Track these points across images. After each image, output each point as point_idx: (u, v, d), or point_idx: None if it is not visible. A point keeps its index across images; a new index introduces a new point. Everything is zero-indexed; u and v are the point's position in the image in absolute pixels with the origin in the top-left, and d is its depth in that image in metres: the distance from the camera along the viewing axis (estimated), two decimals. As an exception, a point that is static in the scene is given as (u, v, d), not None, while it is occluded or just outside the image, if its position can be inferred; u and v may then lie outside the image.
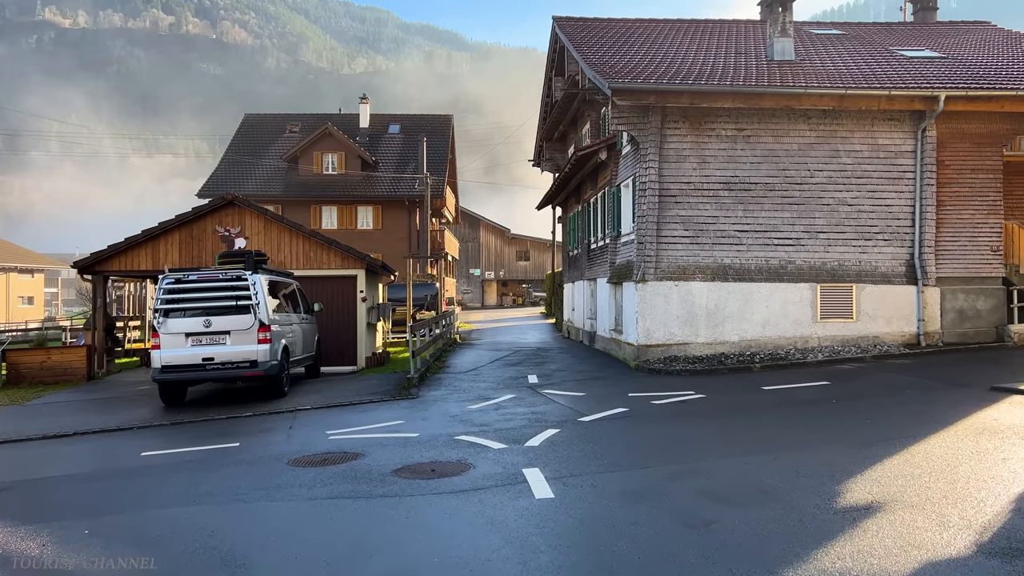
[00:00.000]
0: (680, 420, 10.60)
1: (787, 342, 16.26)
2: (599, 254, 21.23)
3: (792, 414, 10.66)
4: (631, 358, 16.47)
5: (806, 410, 10.90)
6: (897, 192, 16.50)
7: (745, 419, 10.44)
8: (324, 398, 14.09)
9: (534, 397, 13.05)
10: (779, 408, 11.16)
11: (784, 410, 10.99)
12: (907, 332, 16.42)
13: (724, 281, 16.24)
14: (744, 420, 10.38)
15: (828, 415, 10.49)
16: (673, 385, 13.48)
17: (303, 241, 19.09)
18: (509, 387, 14.34)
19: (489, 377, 15.96)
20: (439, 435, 10.15)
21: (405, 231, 42.02)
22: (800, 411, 10.85)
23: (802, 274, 16.39)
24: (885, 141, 16.47)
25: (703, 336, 16.16)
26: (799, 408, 11.07)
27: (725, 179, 16.36)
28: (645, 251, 16.11)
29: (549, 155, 29.46)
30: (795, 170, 16.42)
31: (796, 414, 10.65)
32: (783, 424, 10.02)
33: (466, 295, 62.34)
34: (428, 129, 46.21)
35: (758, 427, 9.90)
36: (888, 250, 16.53)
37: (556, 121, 26.29)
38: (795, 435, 9.31)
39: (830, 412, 10.70)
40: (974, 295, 16.56)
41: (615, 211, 18.80)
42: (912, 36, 22.08)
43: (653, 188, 16.12)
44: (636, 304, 16.12)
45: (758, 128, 16.39)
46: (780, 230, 16.44)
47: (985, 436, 8.48)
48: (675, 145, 16.30)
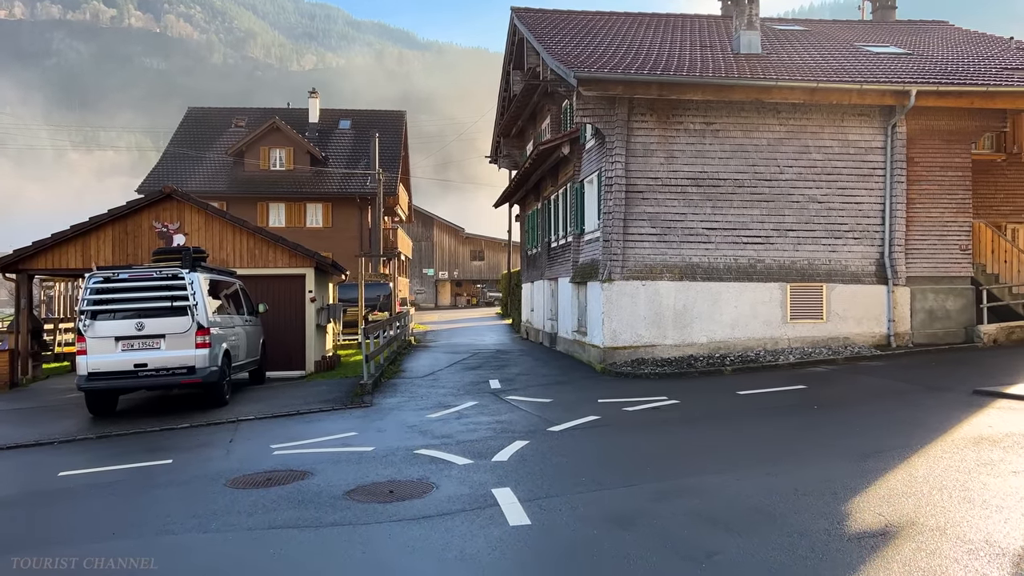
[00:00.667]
0: (657, 429, 9.87)
1: (757, 343, 15.71)
2: (561, 253, 20.49)
3: (776, 422, 10.01)
4: (597, 361, 15.74)
5: (789, 418, 10.27)
6: (867, 189, 16.09)
7: (726, 428, 9.76)
8: (269, 407, 13.03)
9: (498, 404, 12.20)
10: (760, 415, 10.51)
11: (766, 418, 10.34)
12: (877, 333, 16.01)
13: (692, 280, 15.62)
14: (726, 429, 9.70)
15: (814, 423, 9.88)
16: (643, 390, 12.77)
17: (247, 238, 17.92)
18: (470, 393, 13.47)
19: (448, 382, 15.07)
20: (397, 449, 9.24)
21: (356, 229, 40.78)
22: (783, 419, 10.21)
23: (771, 273, 15.86)
24: (855, 137, 16.05)
25: (671, 338, 15.51)
26: (781, 415, 10.44)
27: (693, 174, 15.74)
28: (611, 249, 15.39)
29: (507, 151, 28.66)
30: (764, 166, 15.89)
31: (780, 422, 10.00)
32: (769, 434, 9.35)
33: (419, 295, 61.20)
34: (380, 125, 45.01)
35: (742, 437, 9.22)
36: (858, 249, 16.11)
37: (514, 116, 25.50)
38: (784, 446, 8.64)
39: (815, 420, 10.10)
40: (944, 295, 16.24)
41: (578, 208, 18.07)
42: (874, 33, 21.84)
43: (620, 183, 15.41)
44: (602, 304, 15.39)
45: (727, 122, 15.81)
46: (749, 228, 15.89)
47: (985, 446, 7.92)
48: (642, 139, 15.62)
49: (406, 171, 48.87)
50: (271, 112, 45.71)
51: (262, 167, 40.92)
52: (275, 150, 41.30)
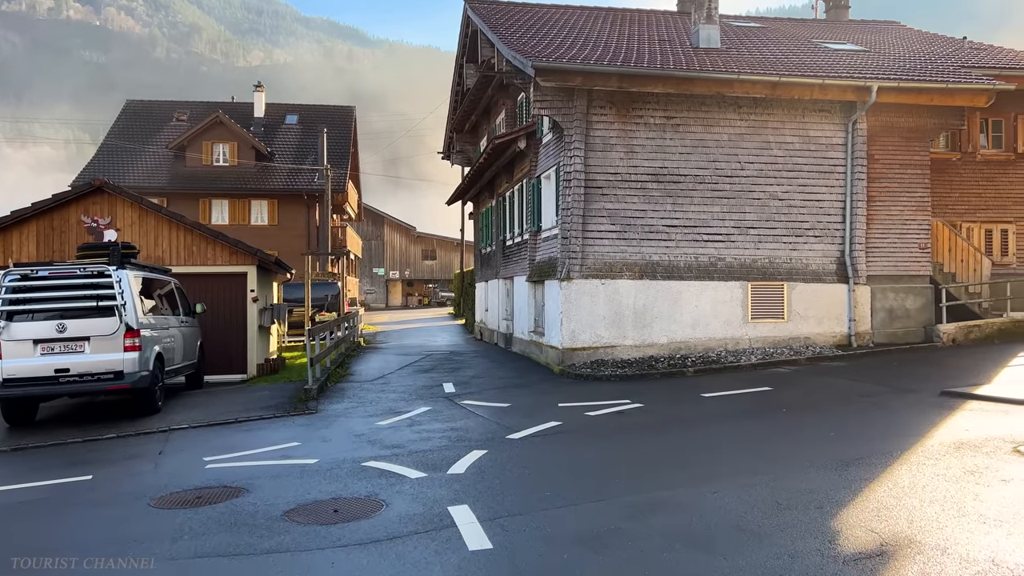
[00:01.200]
0: (623, 436, 9.30)
1: (717, 343, 15.31)
2: (516, 251, 19.87)
3: (746, 427, 9.53)
4: (555, 362, 15.16)
5: (759, 422, 9.80)
6: (828, 187, 15.84)
7: (695, 434, 9.25)
8: (206, 414, 12.12)
9: (452, 409, 11.52)
10: (729, 420, 10.03)
11: (735, 422, 9.86)
12: (838, 332, 15.77)
13: (653, 279, 15.15)
14: (695, 435, 9.18)
15: (785, 428, 9.43)
16: (605, 393, 12.22)
17: (185, 234, 16.88)
18: (423, 398, 12.76)
19: (399, 386, 14.32)
20: (343, 461, 8.49)
21: (304, 227, 39.54)
22: (753, 423, 9.74)
23: (732, 272, 15.49)
24: (816, 133, 15.78)
25: (631, 338, 15.02)
26: (751, 420, 9.97)
27: (654, 170, 15.28)
28: (570, 247, 14.83)
29: (460, 147, 27.94)
30: (725, 162, 15.51)
31: (750, 427, 9.52)
32: (740, 440, 8.85)
33: (370, 295, 60.02)
34: (329, 120, 43.80)
35: (713, 444, 8.71)
36: (819, 247, 15.85)
37: (468, 110, 24.81)
38: (758, 453, 8.14)
39: (786, 425, 9.66)
40: (903, 294, 16.08)
41: (535, 204, 17.47)
42: (830, 32, 21.75)
43: (579, 179, 14.86)
44: (560, 304, 14.82)
45: (687, 116, 15.39)
46: (710, 225, 15.50)
47: (967, 452, 7.53)
48: (601, 133, 15.10)
49: (355, 168, 47.69)
50: (214, 106, 44.07)
51: (205, 162, 39.40)
52: (218, 145, 39.81)
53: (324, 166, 36.16)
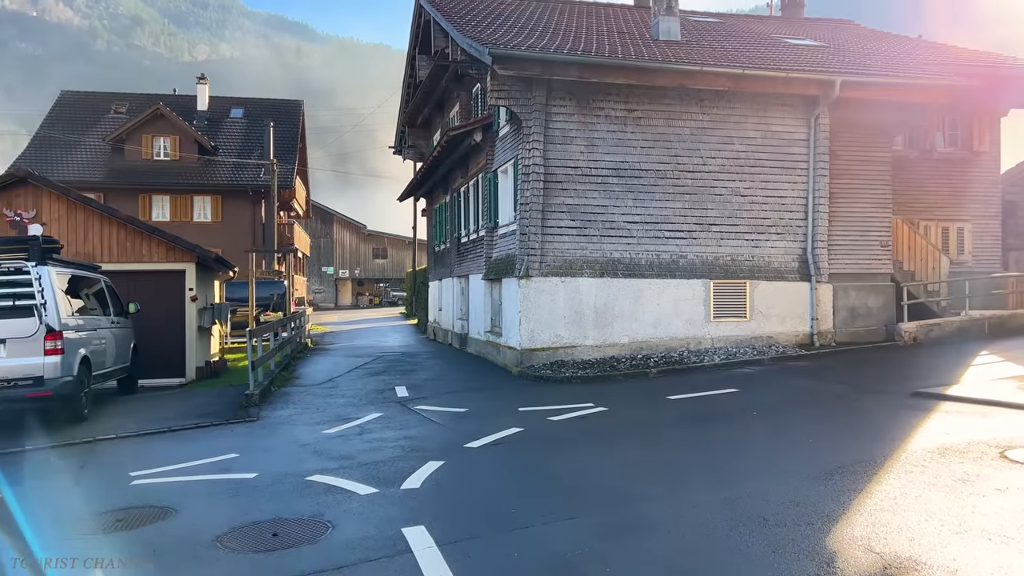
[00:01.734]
0: (589, 443, 8.71)
1: (679, 343, 14.88)
2: (472, 248, 19.20)
3: (717, 432, 9.04)
4: (513, 364, 14.54)
5: (730, 427, 9.32)
6: (790, 183, 15.53)
7: (665, 440, 8.72)
8: (137, 422, 11.18)
9: (406, 415, 10.80)
10: (698, 424, 9.53)
11: (705, 427, 9.36)
12: (800, 331, 15.48)
13: (614, 277, 14.65)
14: (664, 441, 8.64)
15: (759, 433, 8.95)
16: (566, 396, 11.64)
17: (118, 229, 15.81)
18: (374, 403, 12.00)
19: (349, 390, 13.53)
20: (285, 475, 7.73)
21: (249, 224, 38.19)
22: (724, 428, 9.25)
23: (694, 269, 15.08)
24: (778, 128, 15.46)
25: (591, 338, 14.48)
26: (721, 424, 9.49)
27: (614, 164, 14.77)
28: (529, 243, 14.23)
29: (412, 142, 27.13)
30: (687, 156, 15.09)
31: (722, 432, 9.03)
32: (714, 447, 8.35)
33: (319, 295, 58.62)
34: (276, 114, 42.42)
35: (685, 451, 8.19)
36: (781, 244, 15.54)
37: (420, 103, 24.03)
38: (734, 461, 7.64)
39: (758, 429, 9.18)
40: (865, 292, 15.88)
41: (491, 199, 16.83)
42: (787, 28, 21.57)
43: (538, 172, 14.27)
44: (519, 303, 14.20)
45: (649, 109, 14.92)
46: (672, 221, 15.06)
47: (954, 458, 7.12)
48: (561, 125, 14.53)
49: (303, 163, 46.37)
50: (155, 98, 42.34)
51: (145, 156, 37.75)
52: (159, 138, 38.20)
53: (270, 161, 34.93)
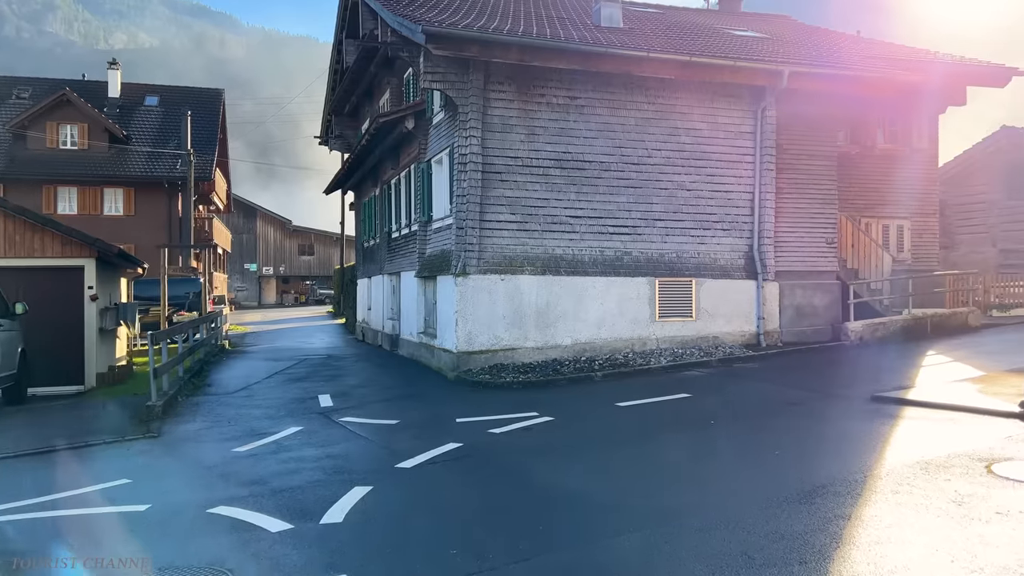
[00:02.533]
0: (537, 462, 7.79)
1: (624, 344, 14.13)
2: (404, 244, 18.08)
3: (677, 445, 8.23)
4: (449, 368, 13.53)
5: (691, 438, 8.53)
6: (736, 177, 14.96)
7: (621, 456, 7.85)
8: (16, 440, 9.74)
9: (330, 429, 9.68)
10: (656, 436, 8.72)
11: (663, 439, 8.56)
12: (747, 331, 14.93)
13: (556, 275, 13.79)
14: (621, 457, 7.78)
15: (721, 445, 8.18)
16: (508, 404, 10.71)
17: (4, 220, 14.11)
18: (294, 414, 10.81)
19: (266, 399, 12.28)
20: (184, 506, 6.57)
21: (164, 218, 35.99)
22: (684, 440, 8.45)
23: (639, 267, 14.35)
24: (724, 120, 14.87)
25: (533, 339, 13.59)
26: (679, 435, 8.69)
27: (557, 155, 13.91)
28: (466, 238, 13.24)
29: (339, 131, 25.76)
30: (632, 148, 14.35)
31: (682, 445, 8.23)
32: (676, 462, 7.53)
33: (241, 293, 56.25)
34: (194, 103, 40.18)
35: (645, 469, 7.34)
36: (727, 241, 14.96)
37: (348, 91, 22.73)
38: (702, 482, 6.83)
39: (720, 440, 8.42)
40: (811, 291, 15.44)
41: (425, 192, 15.76)
42: (727, 21, 21.12)
43: (475, 162, 13.28)
44: (455, 303, 13.20)
45: (592, 97, 14.11)
46: (616, 216, 14.29)
47: (939, 475, 6.47)
48: (500, 112, 13.59)
49: (224, 155, 44.17)
50: (62, 83, 39.53)
51: (49, 145, 35.09)
52: (66, 126, 35.59)
53: (187, 151, 32.97)
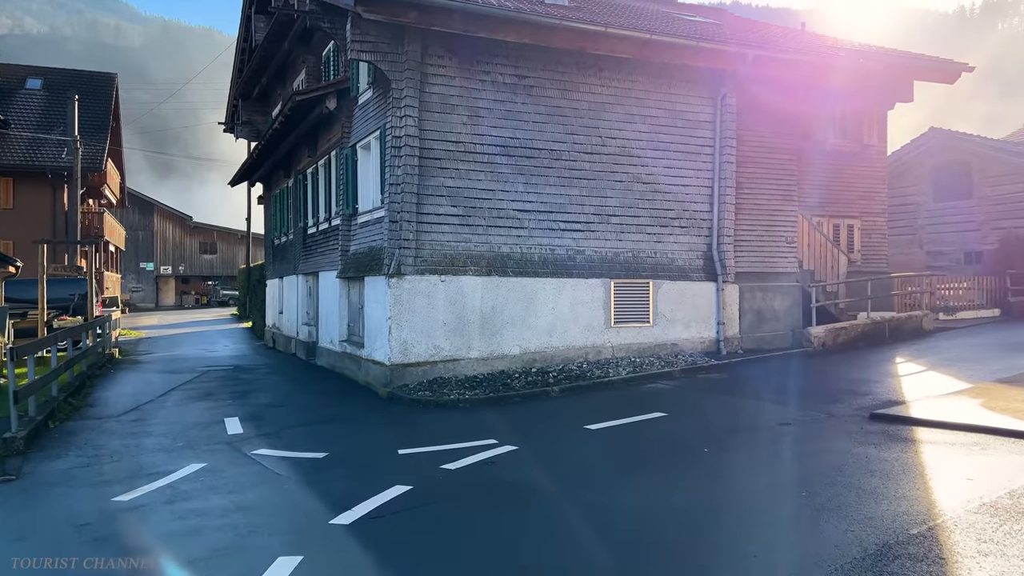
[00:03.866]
0: (512, 513, 6.17)
1: (577, 353, 12.70)
2: (323, 241, 16.12)
3: (676, 485, 6.76)
4: (380, 383, 11.75)
5: (689, 474, 7.08)
6: (695, 170, 13.78)
7: (616, 502, 6.33)
8: None
9: (240, 466, 7.79)
10: (647, 470, 7.24)
11: (655, 476, 7.09)
12: (706, 338, 13.76)
13: (503, 276, 12.22)
14: (617, 506, 6.25)
15: (736, 486, 6.75)
16: (458, 427, 9.08)
17: None
18: (195, 445, 8.83)
19: (161, 424, 10.20)
20: (35, 602, 4.67)
21: (49, 212, 32.53)
22: (681, 477, 7.00)
23: (593, 267, 12.95)
24: (683, 107, 13.66)
25: (477, 349, 11.98)
26: (675, 469, 7.24)
27: (503, 141, 12.35)
28: (401, 233, 11.51)
29: (247, 117, 23.42)
30: (585, 135, 12.94)
31: (682, 484, 6.77)
32: (682, 509, 6.05)
33: (136, 294, 52.27)
34: (84, 88, 36.63)
35: (651, 522, 5.84)
36: (685, 240, 13.75)
37: (257, 71, 20.52)
38: (735, 540, 5.38)
39: (728, 477, 7.00)
40: (771, 294, 14.41)
41: (349, 181, 13.91)
42: (672, 9, 20.02)
43: (412, 145, 11.57)
44: (388, 307, 11.44)
45: (542, 78, 12.63)
46: (567, 211, 12.85)
47: (1018, 522, 5.25)
48: (440, 90, 11.93)
49: (117, 144, 40.60)
50: (-74, 60, 35.41)
51: (-90, 128, 31.23)
52: (-70, 107, 31.74)
53: (74, 136, 29.76)
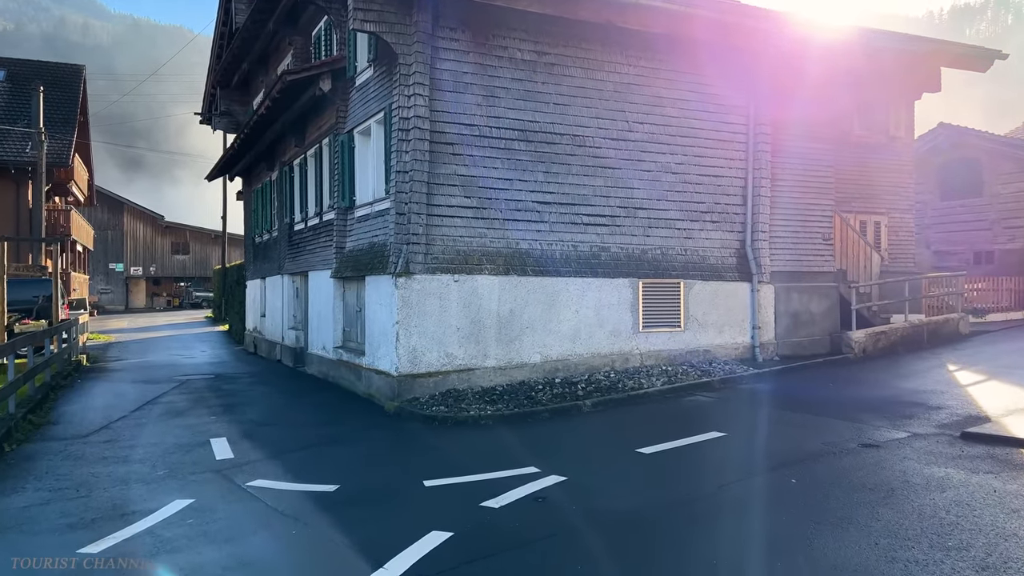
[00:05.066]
0: (585, 568, 4.89)
1: (603, 361, 11.45)
2: (313, 238, 14.71)
3: (782, 531, 5.49)
4: (386, 395, 10.40)
5: (785, 513, 5.81)
6: (727, 159, 12.60)
7: (704, 550, 5.06)
8: None
9: (235, 502, 6.41)
10: (730, 512, 5.96)
11: (746, 518, 5.82)
12: (740, 343, 12.58)
13: (522, 275, 10.93)
14: (705, 553, 4.98)
15: (845, 531, 5.49)
16: (486, 451, 7.80)
17: None
18: (178, 473, 7.42)
19: (137, 446, 8.75)
20: None
21: (12, 209, 30.68)
22: (779, 518, 5.72)
23: (619, 266, 11.71)
24: (714, 90, 12.49)
25: (494, 357, 10.68)
26: (767, 508, 5.98)
27: (522, 124, 11.07)
28: (410, 228, 10.18)
29: (226, 107, 21.89)
30: (610, 120, 11.70)
31: (787, 530, 5.49)
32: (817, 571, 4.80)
33: (105, 295, 50.19)
34: (49, 79, 34.85)
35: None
36: (716, 235, 12.56)
37: (238, 56, 19.03)
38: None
39: (834, 516, 5.74)
40: (807, 295, 13.27)
41: (345, 171, 12.54)
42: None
43: (422, 128, 10.25)
44: (395, 311, 10.10)
45: (564, 55, 11.36)
46: (591, 203, 11.60)
47: None
48: (452, 66, 10.62)
49: (85, 135, 38.67)
50: None
51: None
52: None
53: (39, 128, 27.99)
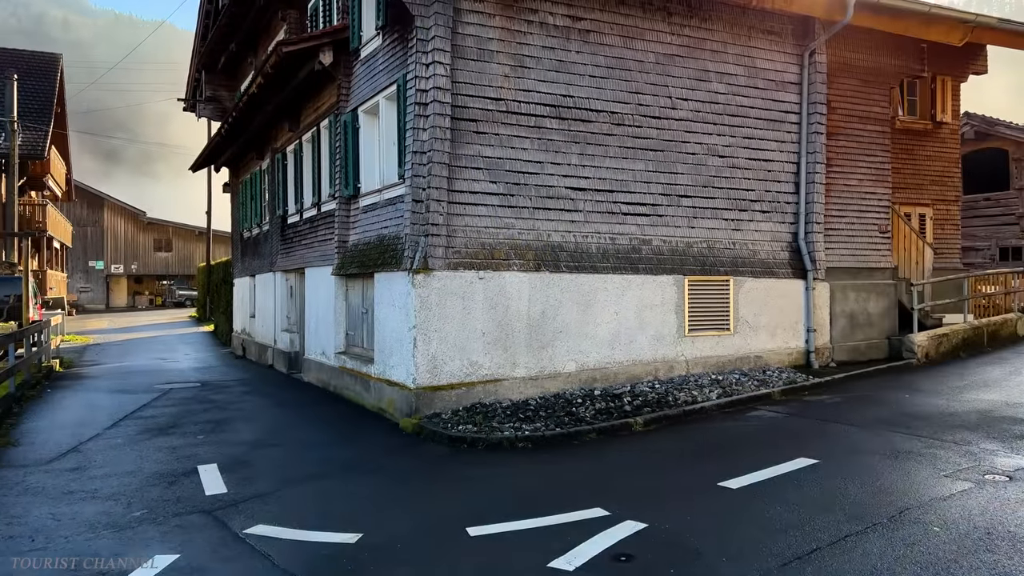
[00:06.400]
0: None
1: (645, 369, 10.09)
2: (309, 231, 13.26)
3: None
4: (401, 410, 8.99)
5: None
6: (778, 141, 11.27)
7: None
8: None
9: (233, 561, 4.98)
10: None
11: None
12: (794, 348, 11.26)
13: (555, 271, 9.55)
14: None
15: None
16: (532, 484, 6.42)
17: None
18: (159, 516, 5.96)
19: (109, 475, 7.28)
20: None
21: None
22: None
23: (662, 261, 10.35)
24: (764, 64, 11.13)
25: (524, 365, 9.30)
26: (914, 571, 4.63)
27: (554, 99, 9.68)
28: (428, 217, 8.77)
29: (212, 92, 20.35)
30: (652, 95, 10.33)
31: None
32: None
33: (85, 294, 48.34)
34: (24, 68, 33.09)
35: None
36: (767, 227, 11.23)
37: (226, 35, 17.52)
38: None
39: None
40: (865, 294, 11.96)
41: (348, 154, 11.10)
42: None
43: (442, 101, 8.84)
44: (412, 312, 8.69)
45: (601, 20, 9.98)
46: (631, 190, 10.23)
47: None
48: (476, 31, 9.21)
49: (63, 127, 36.89)
50: None
51: None
52: None
53: (11, 118, 26.31)
